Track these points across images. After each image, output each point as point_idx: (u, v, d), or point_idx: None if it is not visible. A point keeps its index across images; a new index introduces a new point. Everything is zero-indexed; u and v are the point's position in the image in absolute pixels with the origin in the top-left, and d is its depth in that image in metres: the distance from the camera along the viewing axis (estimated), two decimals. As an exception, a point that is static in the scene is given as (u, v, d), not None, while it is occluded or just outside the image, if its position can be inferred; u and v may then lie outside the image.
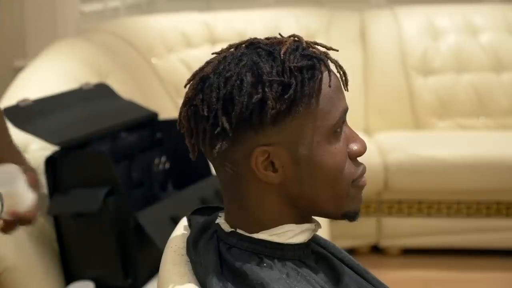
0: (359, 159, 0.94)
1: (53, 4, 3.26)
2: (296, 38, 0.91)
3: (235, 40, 0.96)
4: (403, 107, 3.36)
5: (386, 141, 3.13)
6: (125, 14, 3.88)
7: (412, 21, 3.49)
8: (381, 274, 1.07)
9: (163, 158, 2.17)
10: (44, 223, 1.85)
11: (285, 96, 0.86)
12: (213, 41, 3.45)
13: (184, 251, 1.00)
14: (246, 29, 3.42)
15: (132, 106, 2.26)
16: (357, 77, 3.34)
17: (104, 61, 2.84)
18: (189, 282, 0.94)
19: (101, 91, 2.28)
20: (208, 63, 0.92)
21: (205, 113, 0.88)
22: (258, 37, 0.93)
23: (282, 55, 0.87)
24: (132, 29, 3.30)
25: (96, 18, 3.62)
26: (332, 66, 0.91)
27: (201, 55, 3.31)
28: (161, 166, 2.16)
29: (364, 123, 3.36)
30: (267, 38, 0.92)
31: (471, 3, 3.62)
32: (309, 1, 3.96)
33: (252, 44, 0.91)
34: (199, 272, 0.94)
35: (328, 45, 0.94)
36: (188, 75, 0.94)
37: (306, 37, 0.93)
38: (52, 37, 3.09)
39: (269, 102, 0.86)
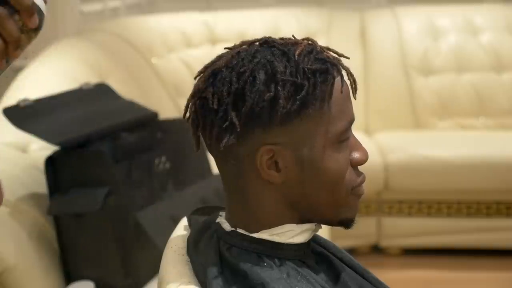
0: (359, 168, 0.94)
1: (53, 4, 3.25)
2: (310, 42, 0.91)
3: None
4: (403, 107, 3.36)
5: (386, 141, 3.13)
6: (125, 14, 3.88)
7: (412, 21, 3.49)
8: (381, 274, 1.07)
9: (163, 158, 2.17)
10: (44, 223, 1.85)
11: (297, 97, 0.86)
12: (213, 41, 3.45)
13: (184, 251, 1.00)
14: (246, 29, 3.42)
15: (132, 106, 2.26)
16: (357, 77, 3.28)
17: (104, 61, 2.84)
18: (189, 282, 0.94)
19: (101, 91, 2.27)
20: (220, 57, 0.92)
21: (215, 106, 0.88)
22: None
23: (296, 56, 0.88)
24: (132, 29, 3.30)
25: (96, 18, 3.62)
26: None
27: (201, 55, 3.31)
28: (161, 166, 2.16)
29: (364, 123, 3.35)
30: (281, 38, 0.92)
31: (471, 3, 3.62)
32: (309, 1, 3.96)
33: (267, 43, 0.91)
34: (199, 272, 0.94)
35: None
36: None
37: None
38: (52, 37, 3.08)
39: (280, 101, 0.86)
